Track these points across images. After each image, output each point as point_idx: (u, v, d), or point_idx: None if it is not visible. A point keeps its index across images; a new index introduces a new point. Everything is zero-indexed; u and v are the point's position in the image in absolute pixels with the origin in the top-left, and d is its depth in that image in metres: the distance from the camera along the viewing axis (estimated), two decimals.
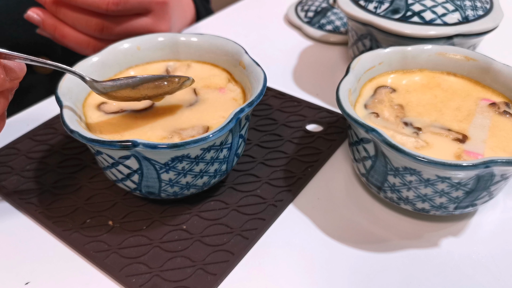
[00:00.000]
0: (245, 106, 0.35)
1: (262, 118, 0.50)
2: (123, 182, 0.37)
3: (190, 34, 0.46)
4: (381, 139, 0.33)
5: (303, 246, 0.38)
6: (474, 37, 0.47)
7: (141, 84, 0.38)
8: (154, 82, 0.38)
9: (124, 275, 0.35)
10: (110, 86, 0.38)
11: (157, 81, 0.38)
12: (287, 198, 0.41)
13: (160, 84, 0.39)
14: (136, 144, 0.32)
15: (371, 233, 0.38)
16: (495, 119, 0.39)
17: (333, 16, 0.67)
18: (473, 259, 0.36)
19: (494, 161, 0.31)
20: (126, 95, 0.38)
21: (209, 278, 0.35)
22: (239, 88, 0.43)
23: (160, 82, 0.39)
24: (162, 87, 0.39)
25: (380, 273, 0.35)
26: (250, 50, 0.60)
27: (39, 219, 0.39)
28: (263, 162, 0.44)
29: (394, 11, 0.49)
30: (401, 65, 0.44)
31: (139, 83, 0.38)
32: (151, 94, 0.39)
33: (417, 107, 0.40)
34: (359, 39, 0.53)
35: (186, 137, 0.37)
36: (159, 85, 0.39)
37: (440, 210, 0.36)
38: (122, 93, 0.38)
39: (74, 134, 0.34)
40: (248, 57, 0.42)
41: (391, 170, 0.36)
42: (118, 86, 0.38)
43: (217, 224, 0.39)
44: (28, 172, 0.44)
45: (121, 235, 0.38)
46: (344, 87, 0.39)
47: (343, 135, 0.47)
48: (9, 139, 0.48)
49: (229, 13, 0.74)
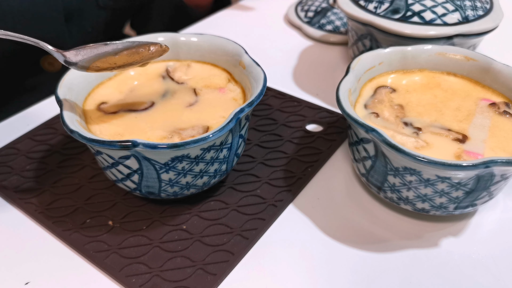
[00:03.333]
0: (245, 106, 0.35)
1: (262, 118, 0.50)
2: (123, 182, 0.37)
3: (190, 34, 0.46)
4: (381, 139, 0.33)
5: (303, 246, 0.38)
6: (474, 37, 0.47)
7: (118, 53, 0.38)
8: (132, 49, 0.38)
9: (124, 275, 0.35)
10: (90, 58, 0.37)
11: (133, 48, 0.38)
12: (287, 198, 0.41)
13: (137, 51, 0.38)
14: (136, 144, 0.32)
15: (371, 233, 0.38)
16: (495, 119, 0.39)
17: (333, 16, 0.67)
18: (473, 259, 0.36)
19: (494, 161, 0.31)
20: (107, 64, 0.38)
21: (209, 278, 0.35)
22: (239, 88, 0.43)
23: (136, 49, 0.38)
24: (139, 54, 0.38)
25: (380, 273, 0.35)
26: (250, 50, 0.60)
27: (39, 219, 0.39)
28: (263, 162, 0.44)
29: (394, 11, 0.49)
30: (401, 65, 0.44)
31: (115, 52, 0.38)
32: (131, 61, 0.38)
33: (417, 107, 0.40)
34: (359, 39, 0.53)
35: (186, 137, 0.37)
36: (136, 51, 0.38)
37: (440, 210, 0.36)
38: (104, 63, 0.38)
39: (74, 134, 0.34)
40: (248, 57, 0.42)
41: (391, 170, 0.36)
42: (99, 56, 0.37)
43: (217, 224, 0.39)
44: (28, 172, 0.44)
45: (121, 235, 0.38)
46: (344, 87, 0.39)
47: (343, 135, 0.47)
48: (9, 139, 0.48)
49: (229, 13, 0.74)
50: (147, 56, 0.39)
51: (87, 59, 0.37)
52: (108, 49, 0.37)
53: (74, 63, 0.37)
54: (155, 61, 0.46)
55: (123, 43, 0.38)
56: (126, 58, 0.38)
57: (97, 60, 0.37)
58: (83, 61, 0.37)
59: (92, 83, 0.42)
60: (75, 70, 0.40)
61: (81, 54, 0.37)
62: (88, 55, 0.37)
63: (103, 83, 0.43)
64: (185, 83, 0.44)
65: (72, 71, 0.40)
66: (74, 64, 0.37)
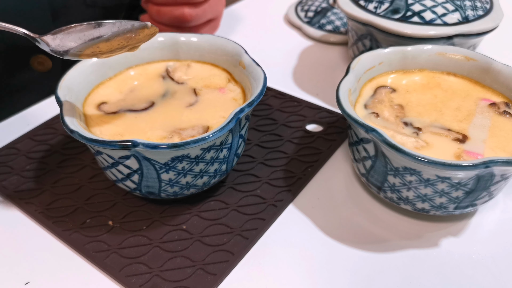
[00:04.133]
0: (245, 106, 0.35)
1: (262, 118, 0.50)
2: (123, 182, 0.37)
3: (190, 34, 0.46)
4: (381, 139, 0.33)
5: (303, 246, 0.38)
6: (474, 37, 0.47)
7: (101, 38, 0.37)
8: (115, 37, 0.37)
9: (124, 275, 0.35)
10: (83, 46, 0.37)
11: (117, 35, 0.37)
12: (287, 198, 0.41)
13: (127, 36, 0.38)
14: (136, 144, 0.32)
15: (371, 233, 0.38)
16: (495, 119, 0.39)
17: (333, 16, 0.67)
18: (473, 259, 0.36)
19: (494, 161, 0.31)
20: (85, 52, 0.37)
21: (209, 278, 0.35)
22: (239, 88, 0.43)
23: (120, 36, 0.37)
24: (131, 38, 0.38)
25: (380, 273, 0.35)
26: (250, 50, 0.60)
27: (39, 219, 0.39)
28: (263, 162, 0.44)
29: (394, 11, 0.49)
30: (401, 65, 0.44)
31: (98, 37, 0.37)
32: (112, 48, 0.38)
33: (417, 107, 0.40)
34: (359, 39, 0.53)
35: (186, 137, 0.37)
36: (130, 37, 0.38)
37: (440, 210, 0.36)
38: (82, 51, 0.37)
39: (74, 134, 0.34)
40: (248, 57, 0.42)
41: (391, 170, 0.36)
42: (92, 43, 0.37)
43: (217, 224, 0.39)
44: (28, 172, 0.44)
45: (121, 235, 0.38)
46: (344, 87, 0.39)
47: (343, 135, 0.47)
48: (9, 139, 0.48)
49: (229, 13, 0.74)
50: (135, 40, 0.38)
51: (65, 45, 0.36)
52: (90, 36, 0.36)
53: (50, 49, 0.36)
54: (155, 61, 0.46)
55: (107, 24, 0.37)
56: (108, 46, 0.37)
57: (73, 48, 0.36)
58: (58, 47, 0.36)
59: (92, 83, 0.42)
60: (75, 70, 0.40)
61: (58, 38, 0.36)
62: (65, 41, 0.36)
63: (103, 83, 0.43)
64: (185, 83, 0.44)
65: (72, 70, 0.40)
66: (50, 50, 0.36)
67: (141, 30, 0.38)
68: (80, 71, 0.41)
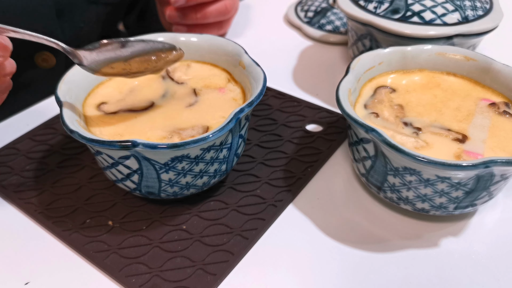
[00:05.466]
0: (245, 106, 0.35)
1: (262, 118, 0.50)
2: (123, 182, 0.37)
3: (190, 34, 0.46)
4: (381, 139, 0.33)
5: (303, 246, 0.38)
6: (474, 37, 0.47)
7: (132, 58, 0.38)
8: (144, 56, 0.39)
9: (124, 275, 0.35)
10: (102, 61, 0.37)
11: (146, 55, 0.39)
12: (287, 198, 0.41)
13: (149, 59, 0.39)
14: (136, 144, 0.32)
15: (371, 233, 0.38)
16: (494, 119, 0.39)
17: (333, 16, 0.67)
18: (473, 259, 0.36)
19: (494, 161, 0.31)
20: (117, 70, 0.38)
21: (209, 278, 0.35)
22: (239, 88, 0.43)
23: (149, 56, 0.39)
24: (151, 62, 0.39)
25: (380, 273, 0.35)
26: (250, 50, 0.60)
27: (39, 219, 0.39)
28: (263, 162, 0.44)
29: (394, 11, 0.49)
30: (401, 65, 0.44)
31: (130, 56, 0.38)
32: (142, 69, 0.39)
33: (417, 107, 0.40)
34: (359, 39, 0.53)
35: (186, 137, 0.37)
36: (148, 59, 0.39)
37: (440, 210, 0.36)
38: (114, 68, 0.38)
39: (74, 134, 0.34)
40: (248, 57, 0.42)
41: (391, 170, 0.36)
42: (110, 60, 0.38)
43: (217, 224, 0.39)
44: (28, 172, 0.44)
45: (121, 235, 0.38)
46: (344, 87, 0.39)
47: (343, 135, 0.47)
48: (9, 139, 0.48)
49: None
50: (161, 64, 0.40)
51: (99, 62, 0.37)
52: (121, 53, 0.38)
53: (84, 65, 0.37)
54: None
55: (138, 43, 0.38)
56: (138, 66, 0.39)
57: (106, 66, 0.38)
58: (93, 63, 0.37)
59: (92, 83, 0.42)
60: (75, 70, 0.40)
61: (94, 54, 0.37)
62: (99, 57, 0.37)
63: (103, 83, 0.43)
64: (185, 83, 0.44)
65: (71, 70, 0.40)
66: (83, 65, 0.37)
67: (169, 52, 0.40)
68: (80, 71, 0.41)
